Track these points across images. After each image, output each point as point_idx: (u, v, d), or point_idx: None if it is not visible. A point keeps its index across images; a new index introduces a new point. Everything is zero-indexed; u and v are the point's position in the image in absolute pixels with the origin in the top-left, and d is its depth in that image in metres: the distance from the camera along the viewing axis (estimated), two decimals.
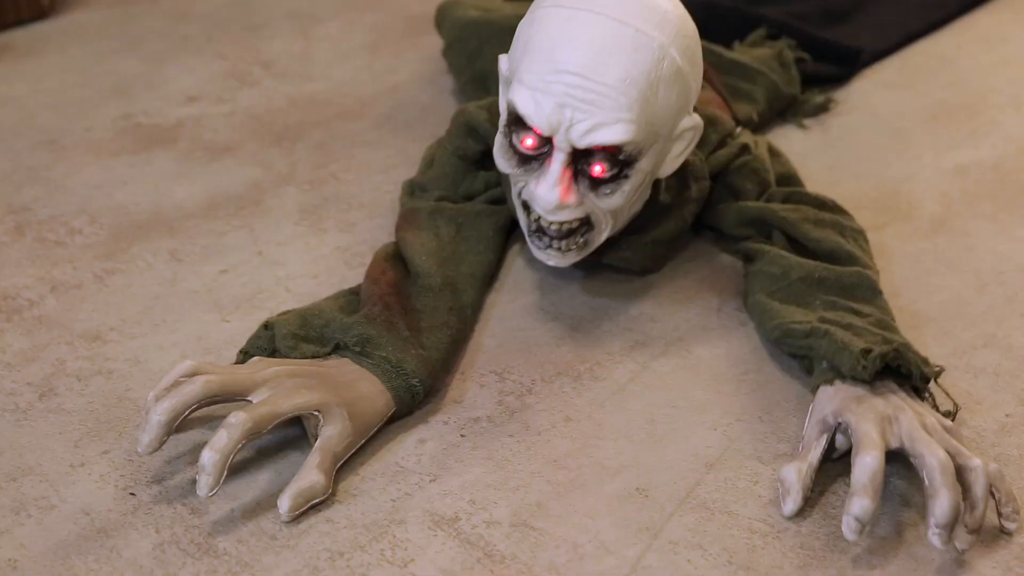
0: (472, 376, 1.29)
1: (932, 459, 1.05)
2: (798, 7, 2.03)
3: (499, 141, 1.28)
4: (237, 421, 1.08)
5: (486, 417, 1.23)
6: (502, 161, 1.28)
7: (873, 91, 1.91)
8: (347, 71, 1.97)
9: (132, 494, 1.14)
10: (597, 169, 1.24)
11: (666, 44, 1.22)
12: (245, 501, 1.13)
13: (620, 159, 1.23)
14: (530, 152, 1.25)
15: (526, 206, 1.31)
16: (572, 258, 1.32)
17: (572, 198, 1.24)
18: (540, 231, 1.30)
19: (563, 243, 1.30)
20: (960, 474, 1.06)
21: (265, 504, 1.12)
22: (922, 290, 1.42)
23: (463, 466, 1.17)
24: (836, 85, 1.91)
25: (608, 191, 1.25)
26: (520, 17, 1.72)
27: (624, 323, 1.37)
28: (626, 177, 1.25)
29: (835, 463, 1.16)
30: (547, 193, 1.23)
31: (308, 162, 1.69)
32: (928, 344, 1.33)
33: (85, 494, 1.14)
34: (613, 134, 1.21)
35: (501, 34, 1.71)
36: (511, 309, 1.39)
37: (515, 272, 1.45)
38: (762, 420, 1.23)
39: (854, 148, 1.74)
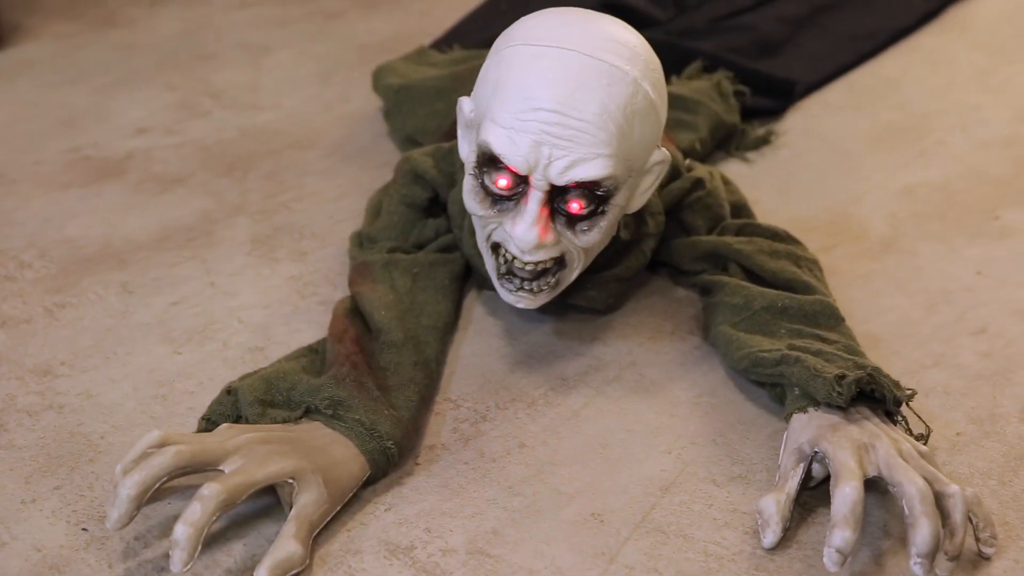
0: None
1: (911, 487, 1.05)
2: (732, 40, 2.05)
3: (469, 184, 1.26)
4: (211, 493, 1.04)
5: (440, 445, 1.23)
6: (473, 203, 1.25)
7: (821, 113, 1.93)
8: (297, 101, 1.97)
9: (84, 529, 1.12)
10: (575, 206, 1.22)
11: (639, 78, 1.21)
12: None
13: (598, 195, 1.22)
14: (504, 192, 1.23)
15: (495, 248, 1.29)
16: (543, 299, 1.30)
17: (551, 237, 1.23)
18: (510, 274, 1.28)
19: (535, 284, 1.28)
20: (938, 501, 1.06)
21: (221, 538, 1.11)
22: (872, 311, 1.43)
23: (418, 495, 1.17)
24: (774, 118, 1.93)
25: (585, 227, 1.24)
26: (437, 79, 1.79)
27: (577, 348, 1.37)
28: (603, 213, 1.24)
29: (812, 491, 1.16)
30: (525, 233, 1.21)
31: (259, 192, 1.69)
32: (879, 364, 1.34)
33: (37, 530, 1.13)
34: (593, 169, 1.19)
35: (420, 94, 1.78)
36: (463, 336, 1.39)
37: (468, 305, 1.45)
38: (716, 443, 1.23)
39: (803, 171, 1.76)
